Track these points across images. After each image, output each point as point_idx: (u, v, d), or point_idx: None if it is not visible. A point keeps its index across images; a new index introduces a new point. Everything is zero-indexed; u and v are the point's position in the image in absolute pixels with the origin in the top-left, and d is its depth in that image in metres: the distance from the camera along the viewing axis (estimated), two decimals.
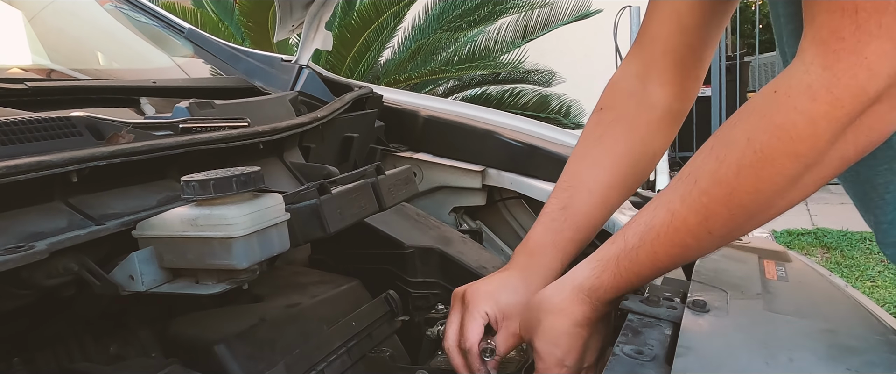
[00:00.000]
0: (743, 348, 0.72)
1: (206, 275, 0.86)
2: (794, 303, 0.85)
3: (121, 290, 0.85)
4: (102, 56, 1.98)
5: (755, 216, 0.72)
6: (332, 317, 1.12)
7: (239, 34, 4.79)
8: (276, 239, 0.89)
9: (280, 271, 1.28)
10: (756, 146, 0.68)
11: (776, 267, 0.99)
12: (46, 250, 0.76)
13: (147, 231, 0.87)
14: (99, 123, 1.00)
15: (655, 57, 1.00)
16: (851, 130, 0.66)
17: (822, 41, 0.65)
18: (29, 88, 1.20)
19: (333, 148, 1.56)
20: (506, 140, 1.65)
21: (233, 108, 1.26)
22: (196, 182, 0.83)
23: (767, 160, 0.68)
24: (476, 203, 1.72)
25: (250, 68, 1.79)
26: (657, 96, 1.01)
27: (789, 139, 0.67)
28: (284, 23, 1.74)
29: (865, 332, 0.79)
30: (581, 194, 1.00)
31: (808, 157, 0.67)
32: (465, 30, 5.27)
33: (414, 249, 1.36)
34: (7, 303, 0.82)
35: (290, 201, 0.96)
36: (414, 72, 5.03)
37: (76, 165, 0.86)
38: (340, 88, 1.75)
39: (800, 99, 0.66)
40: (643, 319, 0.81)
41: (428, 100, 1.86)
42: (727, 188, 0.71)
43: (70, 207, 0.88)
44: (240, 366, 0.95)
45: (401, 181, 1.20)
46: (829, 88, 0.65)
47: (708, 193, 0.72)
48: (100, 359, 0.95)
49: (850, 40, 0.63)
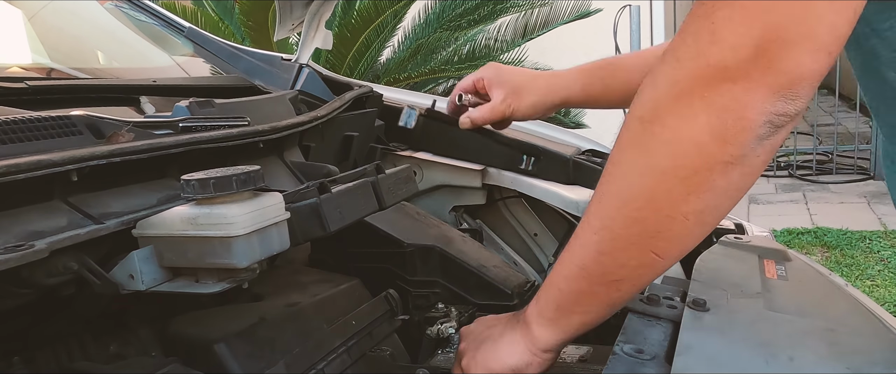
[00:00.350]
0: (743, 347, 0.72)
1: (206, 274, 0.86)
2: (794, 302, 0.85)
3: (121, 289, 0.85)
4: (102, 55, 1.98)
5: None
6: (332, 316, 1.12)
7: (239, 33, 4.79)
8: (276, 238, 0.89)
9: (280, 271, 1.28)
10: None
11: (776, 266, 0.99)
12: (46, 249, 0.76)
13: (147, 230, 0.87)
14: (99, 122, 1.00)
15: None
16: (702, 108, 0.63)
17: (680, 28, 0.66)
18: (29, 86, 1.20)
19: (333, 147, 1.56)
20: (506, 139, 1.65)
21: (233, 107, 1.26)
22: (196, 181, 0.83)
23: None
24: (476, 202, 1.71)
25: (250, 67, 1.79)
26: None
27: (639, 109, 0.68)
28: (284, 22, 1.73)
29: (865, 331, 0.79)
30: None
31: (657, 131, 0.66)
32: (465, 29, 5.27)
33: (414, 248, 1.36)
34: (7, 302, 0.82)
35: (290, 199, 0.96)
36: (414, 71, 5.03)
37: (76, 164, 0.86)
38: (340, 87, 1.75)
39: (645, 83, 0.68)
40: (643, 318, 0.82)
41: (428, 99, 1.86)
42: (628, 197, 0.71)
43: (70, 206, 0.88)
44: (239, 365, 0.95)
45: (401, 180, 1.20)
46: (672, 61, 0.65)
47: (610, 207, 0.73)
48: (100, 358, 0.95)
49: (704, 15, 0.62)
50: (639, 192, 0.69)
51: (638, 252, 0.72)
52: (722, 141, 0.63)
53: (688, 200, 0.67)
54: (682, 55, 0.64)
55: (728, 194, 0.68)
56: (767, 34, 0.59)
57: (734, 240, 1.10)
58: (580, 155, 1.60)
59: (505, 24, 5.49)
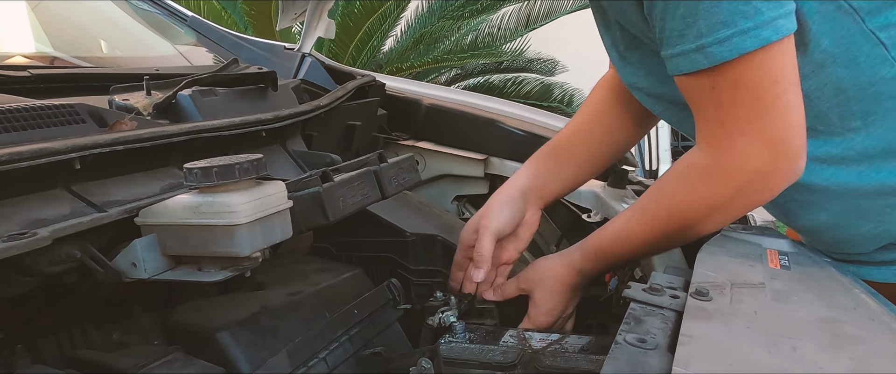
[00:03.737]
0: (746, 337, 0.72)
1: (209, 262, 0.86)
2: (796, 292, 0.85)
3: (123, 277, 0.85)
4: (105, 44, 1.98)
5: (684, 233, 1.01)
6: (335, 305, 1.12)
7: (242, 23, 4.79)
8: (278, 227, 0.89)
9: (282, 259, 1.28)
10: (679, 197, 0.99)
11: (779, 256, 0.99)
12: (49, 237, 0.76)
13: (149, 218, 0.87)
14: (102, 110, 1.00)
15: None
16: (740, 195, 0.93)
17: (708, 140, 0.93)
18: (32, 75, 1.20)
19: (336, 136, 1.56)
20: (508, 129, 1.65)
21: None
22: (199, 169, 0.83)
23: (686, 207, 0.98)
24: (478, 192, 1.71)
25: (253, 56, 1.79)
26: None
27: (697, 195, 0.97)
28: (287, 11, 1.73)
29: (868, 321, 0.78)
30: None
31: (711, 204, 0.96)
32: (467, 18, 5.26)
33: (416, 237, 1.36)
34: (10, 290, 0.82)
35: (292, 188, 0.96)
36: (416, 60, 5.03)
37: (79, 152, 0.86)
38: (343, 76, 1.75)
39: (700, 174, 0.96)
40: (646, 308, 0.82)
41: (430, 88, 1.86)
42: (663, 218, 1.01)
43: (73, 194, 0.88)
44: (242, 353, 0.95)
45: (403, 169, 1.20)
46: (719, 166, 0.93)
47: (652, 219, 1.03)
48: (102, 346, 0.95)
49: (725, 141, 0.90)
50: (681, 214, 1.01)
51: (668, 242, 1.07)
52: (772, 192, 0.95)
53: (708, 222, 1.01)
54: (728, 169, 0.92)
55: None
56: (772, 138, 0.89)
57: (737, 230, 1.10)
58: None
59: (508, 14, 5.49)
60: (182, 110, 1.15)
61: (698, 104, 0.93)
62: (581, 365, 0.97)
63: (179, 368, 0.88)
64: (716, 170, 0.93)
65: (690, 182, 0.98)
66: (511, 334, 1.09)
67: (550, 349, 1.04)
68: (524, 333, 1.09)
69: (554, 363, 0.98)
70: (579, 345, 1.04)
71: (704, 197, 0.96)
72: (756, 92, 0.86)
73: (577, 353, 1.02)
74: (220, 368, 0.91)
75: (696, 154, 0.96)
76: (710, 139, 0.93)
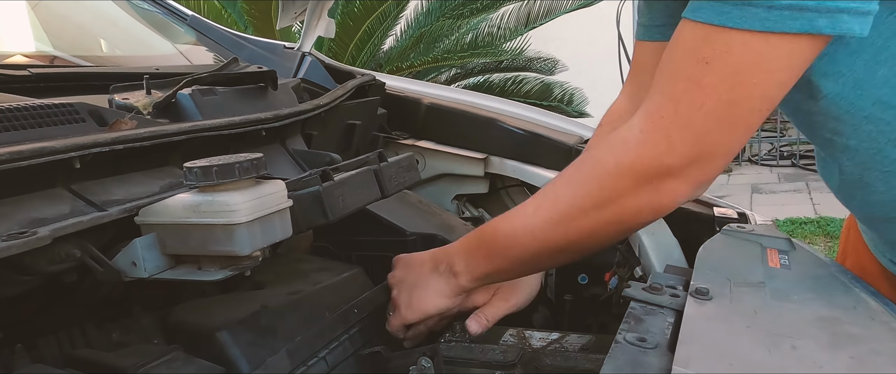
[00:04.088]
0: (746, 335, 0.72)
1: (209, 261, 0.86)
2: (796, 291, 0.85)
3: (123, 276, 0.85)
4: (105, 43, 1.98)
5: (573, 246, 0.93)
6: (334, 304, 1.12)
7: (242, 22, 4.79)
8: (278, 226, 0.89)
9: (282, 259, 1.28)
10: (581, 168, 0.92)
11: (779, 255, 0.99)
12: (49, 237, 0.76)
13: (149, 217, 0.87)
14: (102, 109, 1.00)
15: (644, 85, 1.00)
16: (647, 189, 0.85)
17: (648, 112, 0.83)
18: (32, 74, 1.19)
19: (336, 135, 1.56)
20: (508, 128, 1.65)
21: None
22: (198, 168, 0.83)
23: (582, 180, 0.90)
24: (478, 191, 1.71)
25: (253, 55, 1.78)
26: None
27: (601, 170, 0.87)
28: (287, 10, 1.73)
29: (868, 320, 0.78)
30: None
31: (608, 190, 0.87)
32: (467, 17, 5.26)
33: (416, 236, 1.36)
34: (9, 289, 0.82)
35: (292, 187, 0.96)
36: (416, 60, 5.03)
37: (79, 151, 0.86)
38: (343, 75, 1.75)
39: (617, 146, 0.86)
40: (646, 307, 0.82)
41: (430, 87, 1.86)
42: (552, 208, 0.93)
43: (72, 193, 0.88)
44: (241, 353, 0.95)
45: (403, 169, 1.20)
46: (638, 147, 0.84)
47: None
48: (102, 345, 0.95)
49: (667, 120, 0.81)
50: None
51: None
52: (653, 212, 0.89)
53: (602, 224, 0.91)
54: (644, 153, 0.83)
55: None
56: (705, 151, 0.82)
57: (737, 229, 1.10)
58: (582, 143, 1.60)
59: (508, 13, 5.48)
60: (182, 109, 1.15)
61: (671, 70, 0.83)
62: (581, 364, 0.97)
63: (179, 367, 0.88)
64: (637, 146, 0.84)
65: (602, 150, 0.89)
66: (511, 333, 1.09)
67: (550, 348, 1.04)
68: (524, 332, 1.09)
69: (554, 362, 0.99)
70: (579, 344, 1.04)
71: (607, 172, 0.87)
72: (743, 90, 0.78)
73: (577, 352, 1.03)
74: (220, 367, 0.91)
75: (624, 126, 0.87)
76: (651, 114, 0.83)
